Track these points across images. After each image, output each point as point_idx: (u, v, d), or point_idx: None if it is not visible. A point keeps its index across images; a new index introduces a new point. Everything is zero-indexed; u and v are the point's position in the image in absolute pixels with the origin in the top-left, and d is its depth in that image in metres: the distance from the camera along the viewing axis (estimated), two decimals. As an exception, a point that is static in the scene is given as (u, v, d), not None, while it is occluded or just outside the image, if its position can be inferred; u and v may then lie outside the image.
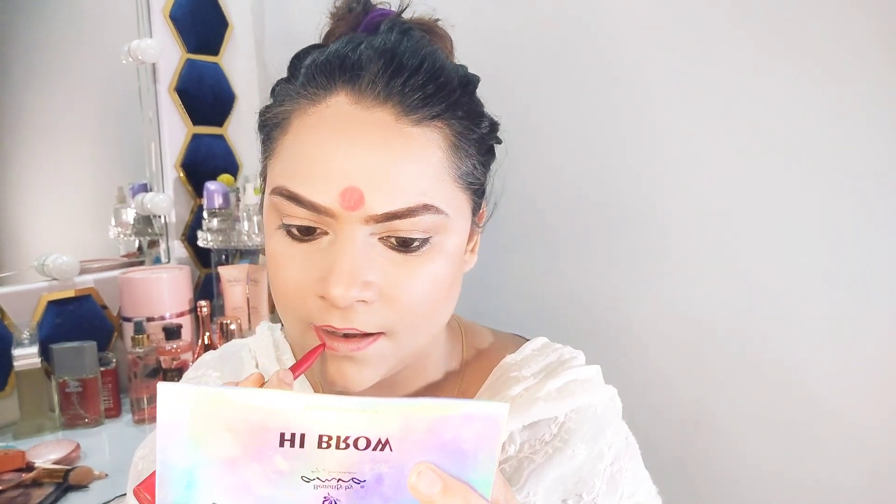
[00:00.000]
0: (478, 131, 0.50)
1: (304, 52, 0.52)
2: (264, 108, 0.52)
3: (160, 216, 1.54)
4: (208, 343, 1.30)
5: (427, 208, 0.45)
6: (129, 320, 1.33)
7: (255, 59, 1.67)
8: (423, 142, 0.46)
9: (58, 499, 0.98)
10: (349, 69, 0.47)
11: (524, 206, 1.15)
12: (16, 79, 1.35)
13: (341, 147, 0.45)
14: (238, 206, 1.44)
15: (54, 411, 1.23)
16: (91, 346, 1.23)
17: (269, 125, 0.50)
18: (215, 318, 1.36)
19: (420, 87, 0.46)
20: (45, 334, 1.26)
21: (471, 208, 0.51)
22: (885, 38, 0.80)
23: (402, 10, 0.55)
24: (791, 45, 0.87)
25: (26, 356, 1.19)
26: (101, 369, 1.26)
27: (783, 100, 0.88)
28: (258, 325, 0.68)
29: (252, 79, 1.67)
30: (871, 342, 0.85)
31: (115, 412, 1.28)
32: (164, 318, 1.36)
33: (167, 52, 1.51)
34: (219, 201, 1.45)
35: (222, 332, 1.32)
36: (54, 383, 1.22)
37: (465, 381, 0.59)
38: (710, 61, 0.94)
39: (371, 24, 0.53)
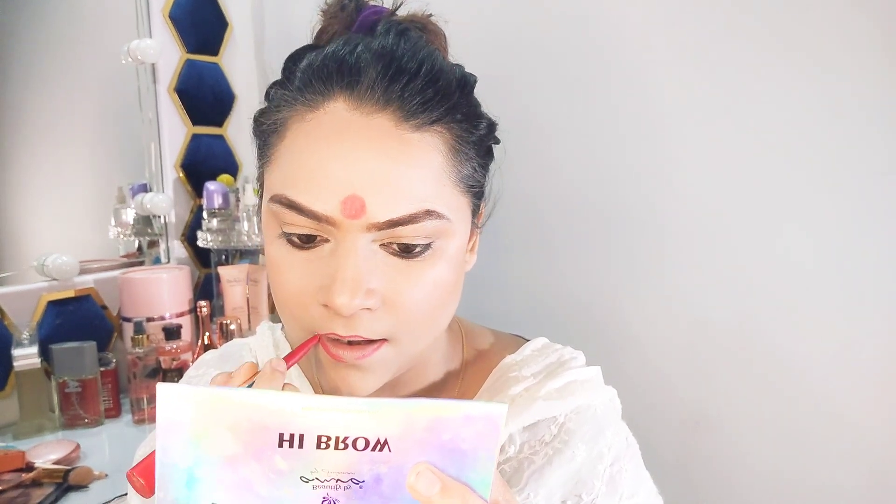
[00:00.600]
0: (476, 133, 0.50)
1: (298, 54, 0.51)
2: (259, 112, 0.51)
3: (160, 216, 1.54)
4: (208, 343, 1.30)
5: (429, 214, 0.45)
6: (128, 320, 1.33)
7: (254, 59, 1.67)
8: (423, 147, 0.45)
9: (58, 499, 0.98)
10: (347, 74, 0.46)
11: (524, 207, 1.15)
12: (16, 79, 1.35)
13: (341, 154, 0.44)
14: (238, 206, 1.44)
15: (54, 411, 1.23)
16: (91, 346, 1.23)
17: (265, 131, 0.50)
18: (215, 319, 1.36)
19: (419, 91, 0.46)
20: (44, 334, 1.26)
21: (471, 210, 0.51)
22: (886, 37, 0.80)
23: (395, 8, 0.54)
24: (791, 44, 0.87)
25: (26, 356, 1.19)
26: (101, 369, 1.26)
27: (783, 100, 0.88)
28: (259, 325, 0.68)
29: (252, 79, 1.67)
30: (872, 342, 0.85)
31: (114, 412, 1.28)
32: (164, 318, 1.36)
33: (167, 53, 1.51)
34: (218, 201, 1.45)
35: (222, 333, 1.32)
36: (54, 383, 1.22)
37: (466, 381, 0.59)
38: (710, 61, 0.94)
39: (365, 22, 0.52)
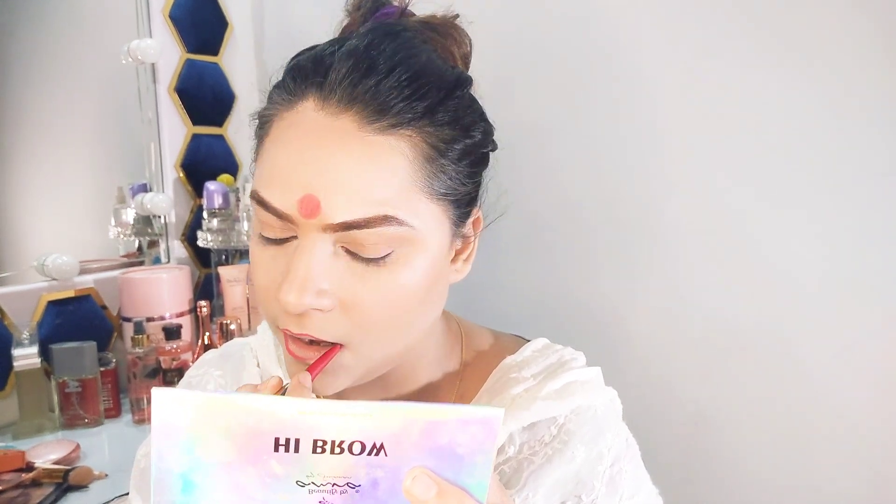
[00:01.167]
0: (464, 140, 0.48)
1: (298, 53, 0.52)
2: (255, 112, 0.52)
3: (160, 216, 1.54)
4: (208, 343, 1.30)
5: (387, 219, 0.44)
6: (128, 320, 1.33)
7: (254, 59, 1.67)
8: (386, 150, 0.44)
9: (57, 499, 0.98)
10: (318, 74, 0.46)
11: (524, 207, 1.15)
12: (16, 79, 1.34)
13: (303, 155, 0.45)
14: (238, 206, 1.44)
15: (54, 411, 1.23)
16: (91, 346, 1.23)
17: (257, 128, 0.51)
18: (215, 318, 1.36)
19: (387, 92, 0.45)
20: (44, 334, 1.26)
21: (450, 219, 0.49)
22: (888, 37, 0.80)
23: (404, 7, 0.54)
24: (792, 45, 0.87)
25: (26, 356, 1.18)
26: (101, 369, 1.25)
27: (784, 100, 0.88)
28: (260, 325, 0.68)
29: (252, 79, 1.67)
30: (873, 343, 0.85)
31: (114, 412, 1.28)
32: (164, 318, 1.35)
33: (167, 52, 1.51)
34: (218, 201, 1.45)
35: (222, 332, 1.32)
36: (54, 383, 1.22)
37: (465, 382, 0.59)
38: (711, 61, 0.94)
39: (380, 21, 0.52)
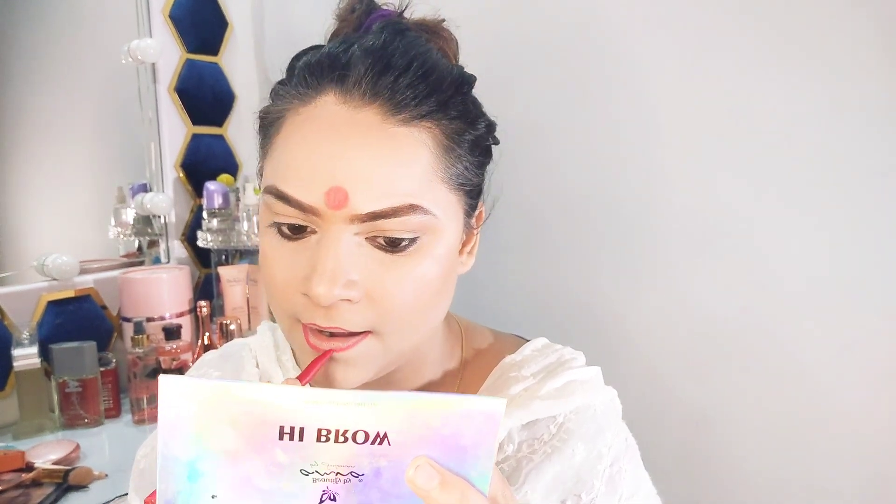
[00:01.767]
0: (472, 132, 0.50)
1: (301, 53, 0.53)
2: (262, 108, 0.52)
3: (160, 216, 1.54)
4: (208, 343, 1.30)
5: (413, 209, 0.45)
6: (128, 320, 1.33)
7: (254, 59, 1.67)
8: (410, 142, 0.46)
9: (58, 499, 0.98)
10: (338, 69, 0.47)
11: (524, 206, 1.15)
12: (16, 79, 1.35)
13: (327, 147, 0.45)
14: (238, 206, 1.44)
15: (54, 411, 1.23)
16: (91, 346, 1.23)
17: (265, 125, 0.51)
18: (215, 319, 1.36)
19: (408, 86, 0.46)
20: (44, 334, 1.26)
21: (463, 210, 0.51)
22: (888, 36, 0.80)
23: (401, 10, 0.55)
24: (793, 43, 0.87)
25: (26, 356, 1.19)
26: (101, 369, 1.26)
27: (784, 99, 0.88)
28: (259, 325, 0.68)
29: (252, 79, 1.67)
30: (874, 342, 0.85)
31: (114, 412, 1.28)
32: (164, 318, 1.36)
33: (167, 52, 1.51)
34: (218, 201, 1.45)
35: (222, 333, 1.32)
36: (54, 383, 1.22)
37: (465, 381, 0.59)
38: (711, 61, 0.94)
39: (374, 24, 0.53)
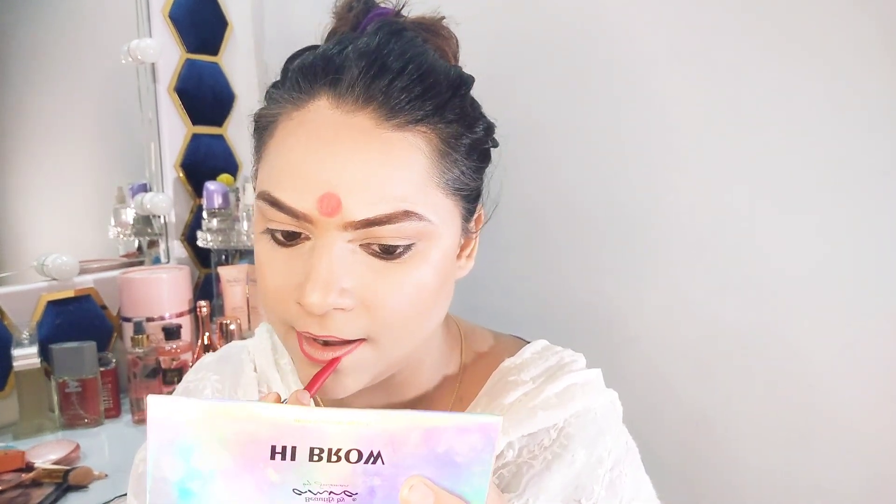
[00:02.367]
0: (470, 136, 0.49)
1: (295, 54, 0.52)
2: (256, 112, 0.52)
3: (160, 216, 1.53)
4: (208, 343, 1.30)
5: (408, 215, 0.44)
6: (128, 320, 1.33)
7: (254, 59, 1.67)
8: (404, 147, 0.45)
9: (57, 499, 0.98)
10: (331, 72, 0.46)
11: (524, 207, 1.15)
12: (16, 79, 1.34)
13: (320, 153, 0.44)
14: (238, 206, 1.44)
15: (54, 411, 1.23)
16: (91, 346, 1.23)
17: (259, 129, 0.51)
18: (215, 319, 1.36)
19: (403, 90, 0.45)
20: (44, 334, 1.26)
21: (461, 214, 0.50)
22: (888, 35, 0.80)
23: (398, 9, 0.54)
24: (794, 42, 0.87)
25: (26, 356, 1.18)
26: (101, 369, 1.25)
27: (785, 99, 0.88)
28: (258, 327, 0.68)
29: (252, 79, 1.67)
30: (874, 343, 0.85)
31: (114, 412, 1.28)
32: (164, 318, 1.35)
33: (167, 52, 1.51)
34: (218, 201, 1.45)
35: (222, 333, 1.31)
36: (54, 383, 1.22)
37: (464, 385, 0.58)
38: (712, 60, 0.94)
39: (370, 24, 0.52)
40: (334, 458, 0.33)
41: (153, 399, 0.32)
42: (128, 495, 0.63)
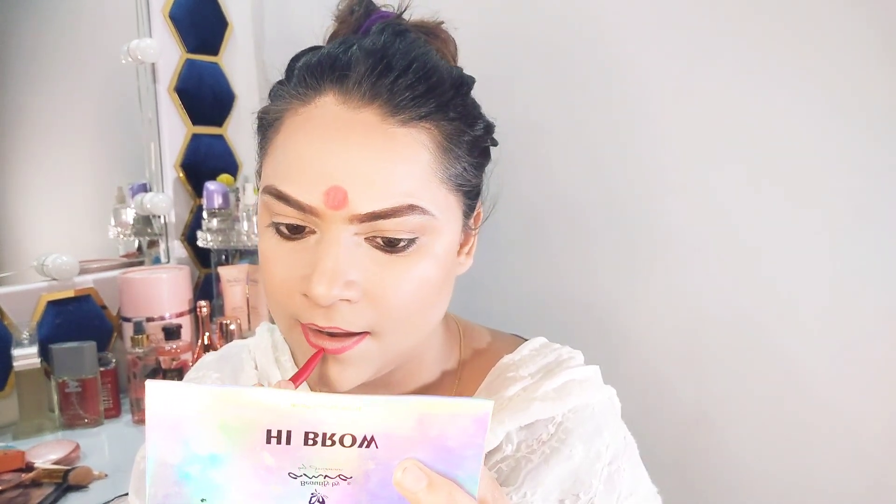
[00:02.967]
0: (471, 133, 0.50)
1: (300, 54, 0.53)
2: (261, 109, 0.53)
3: (160, 216, 1.54)
4: (208, 343, 1.30)
5: (412, 209, 0.45)
6: (128, 320, 1.33)
7: (254, 59, 1.67)
8: (409, 142, 0.46)
9: (57, 499, 0.98)
10: (338, 69, 0.47)
11: (523, 206, 1.15)
12: (16, 79, 1.35)
13: (327, 147, 0.45)
14: (238, 206, 1.44)
15: (54, 411, 1.23)
16: (90, 346, 1.23)
17: (264, 125, 0.51)
18: (215, 319, 1.36)
19: (408, 87, 0.46)
20: (44, 334, 1.26)
21: (462, 210, 0.51)
22: (888, 36, 0.80)
23: (400, 12, 0.55)
24: (792, 42, 0.87)
25: (26, 356, 1.19)
26: (101, 369, 1.26)
27: (784, 99, 0.88)
28: (258, 326, 0.68)
29: (252, 79, 1.67)
30: (874, 343, 0.85)
31: (114, 412, 1.28)
32: (164, 318, 1.36)
33: (167, 52, 1.51)
34: (218, 201, 1.45)
35: (222, 333, 1.32)
36: (54, 383, 1.22)
37: (463, 381, 0.59)
38: (711, 60, 0.94)
39: (373, 26, 0.53)
40: (329, 442, 0.34)
41: (152, 384, 0.33)
42: (129, 494, 0.63)
